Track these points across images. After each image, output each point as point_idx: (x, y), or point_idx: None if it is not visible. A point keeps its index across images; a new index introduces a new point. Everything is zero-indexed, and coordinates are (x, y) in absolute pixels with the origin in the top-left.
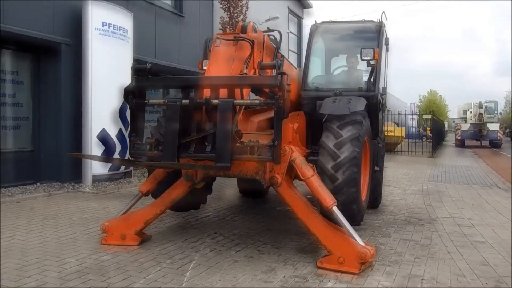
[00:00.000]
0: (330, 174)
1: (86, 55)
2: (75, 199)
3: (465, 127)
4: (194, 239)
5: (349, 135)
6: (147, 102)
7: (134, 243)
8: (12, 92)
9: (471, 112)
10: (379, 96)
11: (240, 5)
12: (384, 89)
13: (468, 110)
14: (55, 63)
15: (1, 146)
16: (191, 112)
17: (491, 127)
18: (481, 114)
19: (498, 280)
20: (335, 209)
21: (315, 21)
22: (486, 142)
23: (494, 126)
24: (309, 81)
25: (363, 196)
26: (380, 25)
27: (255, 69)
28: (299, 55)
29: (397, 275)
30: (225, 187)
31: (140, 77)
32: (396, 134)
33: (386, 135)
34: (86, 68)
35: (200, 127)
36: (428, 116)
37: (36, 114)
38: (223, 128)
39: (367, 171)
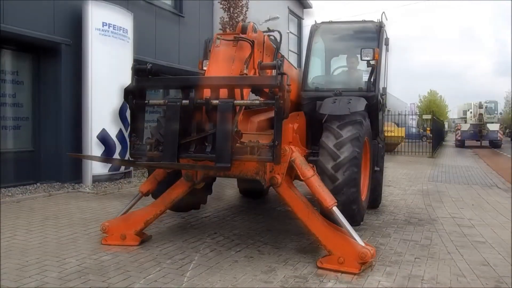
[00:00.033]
0: (330, 174)
1: (86, 55)
2: (75, 199)
3: (465, 127)
4: (194, 239)
5: (349, 135)
6: (147, 102)
7: (134, 243)
8: (12, 92)
9: (471, 112)
10: (379, 96)
11: (240, 5)
12: (384, 89)
13: (468, 110)
14: (55, 63)
15: (1, 146)
16: (191, 113)
17: (491, 127)
18: (481, 115)
19: (498, 280)
20: (335, 209)
21: (315, 21)
22: (486, 142)
23: (494, 126)
24: (309, 81)
25: (363, 196)
26: (380, 25)
27: (255, 70)
28: (299, 55)
29: (397, 275)
30: (225, 188)
31: (140, 77)
32: (396, 134)
33: (386, 135)
34: (86, 68)
35: (200, 128)
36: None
37: (36, 114)
38: (223, 129)
39: (367, 171)
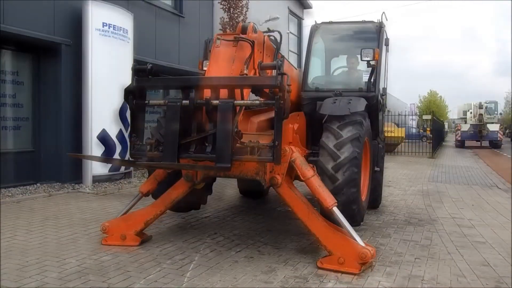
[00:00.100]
0: (330, 175)
1: (86, 56)
2: (75, 200)
3: (465, 128)
4: (194, 240)
5: (349, 136)
6: (148, 103)
7: (134, 244)
8: (12, 93)
9: (471, 113)
10: (379, 97)
11: (240, 6)
12: (384, 90)
13: (468, 111)
14: (55, 64)
15: (2, 147)
16: (191, 113)
17: (491, 128)
18: (481, 115)
19: (498, 281)
20: (335, 210)
21: (315, 22)
22: (486, 143)
23: (494, 127)
24: (309, 82)
25: (363, 197)
26: (380, 26)
27: (255, 70)
28: (299, 56)
29: (397, 276)
30: (225, 188)
31: (141, 78)
32: (396, 135)
33: (386, 136)
34: (86, 69)
35: (200, 128)
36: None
37: (36, 115)
38: (223, 129)
39: (367, 172)
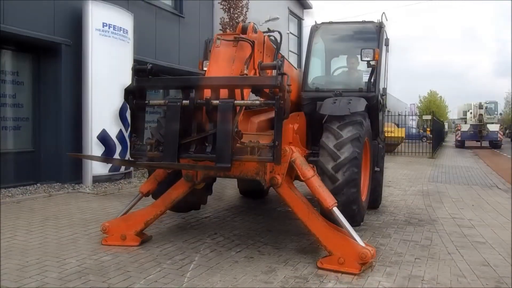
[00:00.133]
0: (330, 175)
1: (86, 56)
2: (75, 200)
3: (465, 128)
4: (194, 240)
5: (350, 136)
6: (148, 103)
7: (135, 244)
8: (12, 93)
9: (471, 113)
10: (379, 97)
11: (240, 6)
12: (384, 90)
13: (468, 111)
14: (55, 64)
15: (2, 147)
16: (192, 113)
17: (491, 128)
18: (481, 115)
19: (499, 281)
20: (335, 210)
21: (315, 22)
22: (486, 143)
23: (494, 127)
24: (309, 82)
25: (363, 197)
26: (380, 26)
27: (256, 70)
28: (299, 56)
29: (398, 276)
30: (225, 188)
31: (141, 78)
32: (396, 135)
33: (386, 136)
34: (86, 69)
35: (201, 128)
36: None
37: (36, 115)
38: (224, 129)
39: (367, 172)
